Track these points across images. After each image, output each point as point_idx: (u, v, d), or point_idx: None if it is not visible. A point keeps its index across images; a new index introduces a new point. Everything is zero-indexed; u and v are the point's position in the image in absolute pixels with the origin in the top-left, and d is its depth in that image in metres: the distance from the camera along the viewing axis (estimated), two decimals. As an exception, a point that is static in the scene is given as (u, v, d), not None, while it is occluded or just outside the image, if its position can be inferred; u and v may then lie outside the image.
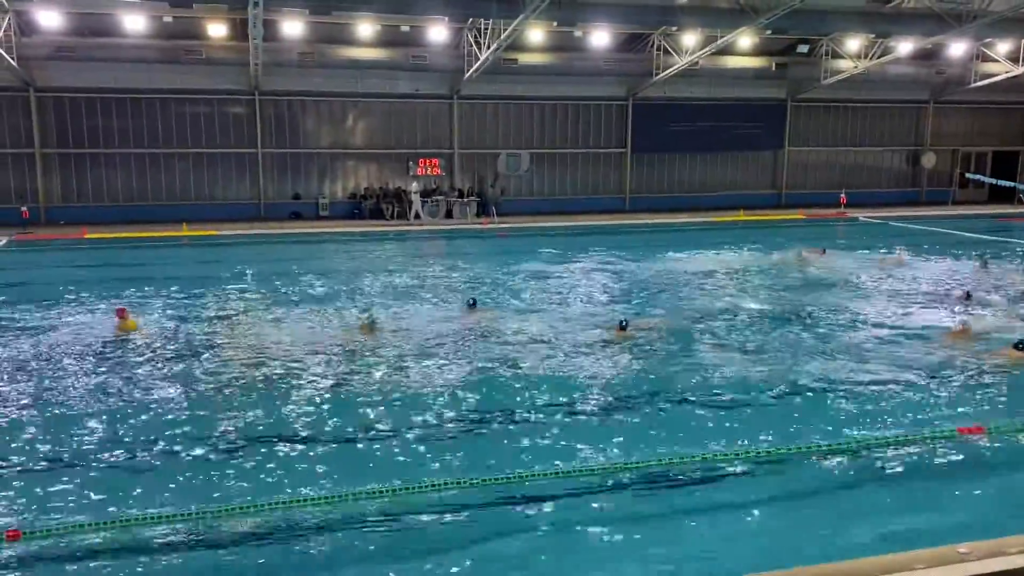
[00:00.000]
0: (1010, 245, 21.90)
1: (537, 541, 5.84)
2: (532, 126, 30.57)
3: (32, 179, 26.36)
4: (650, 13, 22.66)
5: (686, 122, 31.03)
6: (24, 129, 26.04)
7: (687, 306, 13.88)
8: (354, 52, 26.81)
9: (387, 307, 13.49)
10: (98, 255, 21.18)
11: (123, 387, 9.31)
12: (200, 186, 27.85)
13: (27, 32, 24.32)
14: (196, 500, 6.28)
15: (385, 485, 6.44)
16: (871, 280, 16.17)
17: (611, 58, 28.57)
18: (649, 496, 6.59)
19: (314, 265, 18.65)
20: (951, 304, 13.71)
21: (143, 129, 26.88)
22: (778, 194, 33.38)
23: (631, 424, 8.21)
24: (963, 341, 10.90)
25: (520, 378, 9.63)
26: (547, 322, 12.41)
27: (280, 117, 28.09)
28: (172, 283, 15.91)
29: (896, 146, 34.64)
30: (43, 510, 6.24)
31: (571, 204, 30.70)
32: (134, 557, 5.63)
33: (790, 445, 7.38)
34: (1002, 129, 35.64)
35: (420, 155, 29.35)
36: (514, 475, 6.71)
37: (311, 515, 6.15)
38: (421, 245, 23.68)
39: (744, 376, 9.65)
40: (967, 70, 31.24)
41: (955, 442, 7.49)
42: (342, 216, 28.50)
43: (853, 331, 11.90)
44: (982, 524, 5.74)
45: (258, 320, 12.87)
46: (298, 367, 10.06)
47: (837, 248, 20.63)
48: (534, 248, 21.24)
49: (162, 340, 11.47)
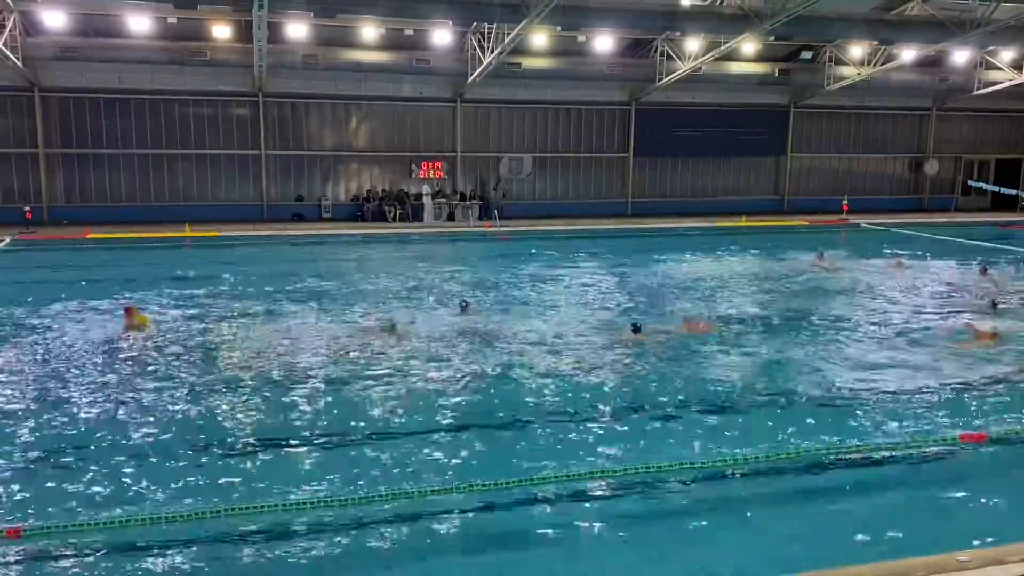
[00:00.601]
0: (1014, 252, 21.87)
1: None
2: (535, 130, 30.60)
3: (36, 179, 26.40)
4: (654, 18, 22.64)
5: (689, 127, 31.04)
6: (28, 129, 26.09)
7: (695, 310, 13.90)
8: (358, 55, 26.84)
9: (393, 310, 13.51)
10: (101, 255, 21.21)
11: (136, 383, 9.34)
12: (203, 187, 27.88)
13: (32, 32, 24.37)
14: (205, 498, 6.30)
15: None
16: (897, 286, 16.17)
17: (614, 63, 28.58)
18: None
19: (317, 267, 18.67)
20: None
21: (147, 130, 26.93)
22: (780, 200, 33.37)
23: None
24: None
25: (523, 379, 9.65)
26: (553, 325, 12.45)
27: (284, 119, 28.13)
28: (177, 283, 15.95)
29: (899, 153, 34.63)
30: (60, 507, 6.26)
31: (573, 208, 30.71)
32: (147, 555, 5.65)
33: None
34: (1005, 137, 35.62)
35: (423, 158, 29.38)
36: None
37: (314, 517, 6.15)
38: (424, 248, 23.69)
39: (776, 379, 9.67)
40: (970, 78, 31.23)
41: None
42: (344, 218, 28.52)
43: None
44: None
45: (270, 321, 12.88)
46: (307, 367, 10.09)
47: (839, 253, 20.64)
48: (536, 251, 21.27)
49: (173, 337, 11.52)
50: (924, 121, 34.43)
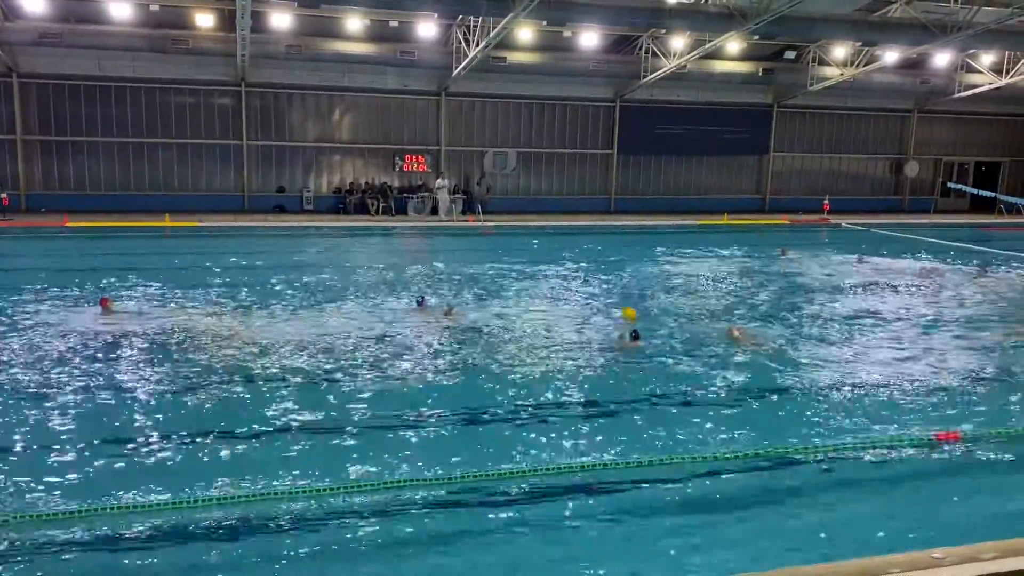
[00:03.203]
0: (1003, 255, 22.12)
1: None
2: (520, 125, 30.59)
3: (13, 166, 26.08)
4: (639, 15, 22.67)
5: (673, 125, 31.17)
6: (6, 115, 25.75)
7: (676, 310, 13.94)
8: (342, 46, 26.68)
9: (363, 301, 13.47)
10: (79, 244, 20.98)
11: (107, 374, 9.25)
12: (184, 177, 27.65)
13: (11, 17, 24.03)
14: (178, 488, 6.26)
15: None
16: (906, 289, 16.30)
17: (600, 59, 28.61)
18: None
19: (299, 258, 18.59)
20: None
21: (127, 118, 26.66)
22: (762, 199, 33.59)
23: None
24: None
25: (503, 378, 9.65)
26: (548, 321, 12.46)
27: (266, 109, 27.94)
28: (157, 273, 15.80)
29: (880, 154, 34.96)
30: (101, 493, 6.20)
31: (557, 204, 30.75)
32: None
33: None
34: (984, 140, 36.05)
35: (406, 151, 29.30)
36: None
37: (289, 509, 6.13)
38: (407, 241, 23.61)
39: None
40: (951, 80, 31.55)
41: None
42: (326, 210, 28.39)
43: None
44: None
45: (273, 315, 12.80)
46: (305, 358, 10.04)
47: (808, 251, 20.79)
48: (521, 246, 21.27)
49: (142, 326, 11.41)
50: (905, 123, 34.77)
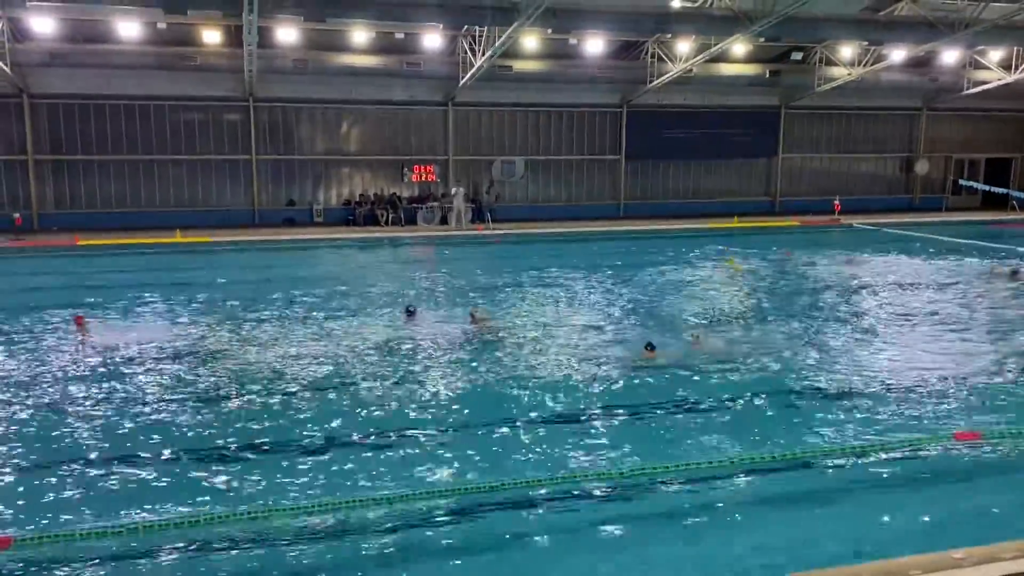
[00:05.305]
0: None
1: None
2: (527, 133, 30.60)
3: (25, 185, 26.27)
4: (644, 20, 22.66)
5: (680, 129, 31.09)
6: (17, 135, 25.95)
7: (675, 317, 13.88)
8: (349, 59, 26.80)
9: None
10: (91, 262, 21.10)
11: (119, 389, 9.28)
12: (194, 193, 27.79)
13: (21, 38, 24.27)
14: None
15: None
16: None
17: (605, 65, 28.61)
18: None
19: (314, 271, 18.66)
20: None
21: (137, 136, 26.83)
22: (772, 201, 33.45)
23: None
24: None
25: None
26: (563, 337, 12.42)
27: (274, 124, 28.07)
28: (167, 290, 15.87)
29: (889, 153, 34.76)
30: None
31: (565, 211, 30.70)
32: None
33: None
34: (995, 136, 35.79)
35: (415, 162, 29.35)
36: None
37: (311, 521, 6.12)
38: (418, 251, 23.64)
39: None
40: (960, 77, 31.37)
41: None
42: (336, 222, 28.46)
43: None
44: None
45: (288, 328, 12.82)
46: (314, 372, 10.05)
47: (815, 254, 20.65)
48: (530, 254, 21.24)
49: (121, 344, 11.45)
50: (914, 121, 34.57)
